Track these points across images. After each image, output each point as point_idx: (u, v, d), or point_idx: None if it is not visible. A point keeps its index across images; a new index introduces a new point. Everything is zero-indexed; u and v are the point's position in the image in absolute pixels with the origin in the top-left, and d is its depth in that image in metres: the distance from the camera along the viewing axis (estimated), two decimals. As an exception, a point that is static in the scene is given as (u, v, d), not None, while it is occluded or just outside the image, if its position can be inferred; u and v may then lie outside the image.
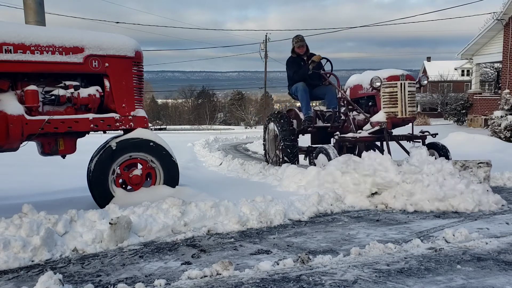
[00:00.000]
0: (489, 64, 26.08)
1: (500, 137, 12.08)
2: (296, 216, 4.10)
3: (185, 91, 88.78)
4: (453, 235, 3.27)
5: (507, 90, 14.92)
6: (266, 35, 45.10)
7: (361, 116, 6.41)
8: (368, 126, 6.08)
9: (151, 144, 4.46)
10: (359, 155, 7.12)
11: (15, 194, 5.06)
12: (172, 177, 4.57)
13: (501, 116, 13.13)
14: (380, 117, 5.84)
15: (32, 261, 2.92)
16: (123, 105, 4.52)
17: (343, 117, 6.70)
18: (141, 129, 4.55)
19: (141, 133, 4.49)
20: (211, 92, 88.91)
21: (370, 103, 6.29)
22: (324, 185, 4.89)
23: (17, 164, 7.20)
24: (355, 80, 6.61)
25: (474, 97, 19.43)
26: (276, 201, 4.16)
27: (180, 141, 17.71)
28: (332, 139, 7.26)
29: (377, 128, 5.82)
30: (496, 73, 27.21)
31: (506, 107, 13.76)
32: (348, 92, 6.66)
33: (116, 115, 4.47)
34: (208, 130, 51.41)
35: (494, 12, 21.51)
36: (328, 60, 7.25)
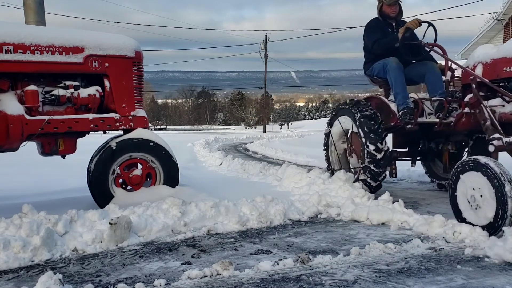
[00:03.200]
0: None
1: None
2: (296, 216, 4.10)
3: (185, 91, 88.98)
4: (453, 235, 3.27)
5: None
6: (266, 35, 45.26)
7: (510, 108, 4.21)
8: None
9: (151, 144, 4.46)
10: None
11: (15, 194, 5.05)
12: (172, 177, 4.57)
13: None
14: None
15: (32, 261, 2.92)
16: (123, 105, 4.52)
17: (466, 109, 4.43)
18: (141, 129, 4.55)
19: (141, 133, 4.49)
20: (211, 92, 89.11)
21: None
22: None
23: (17, 164, 7.20)
24: (493, 52, 4.32)
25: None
26: (276, 201, 4.16)
27: (180, 141, 17.73)
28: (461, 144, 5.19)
29: None
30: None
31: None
32: (479, 71, 4.33)
33: (116, 115, 4.47)
34: (208, 130, 51.51)
35: (494, 12, 21.54)
36: (431, 24, 4.90)
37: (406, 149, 5.44)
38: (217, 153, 11.94)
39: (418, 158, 5.48)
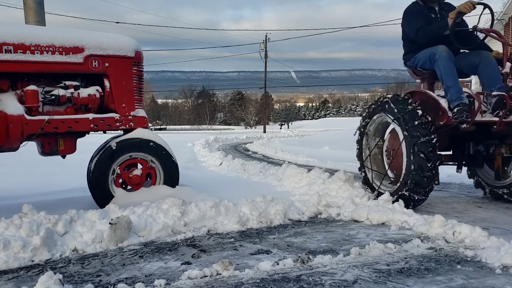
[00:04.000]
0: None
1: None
2: (296, 216, 4.10)
3: (185, 91, 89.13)
4: (453, 235, 3.28)
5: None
6: (266, 35, 45.28)
7: None
8: None
9: (151, 144, 4.46)
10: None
11: (15, 194, 5.05)
12: (172, 177, 4.57)
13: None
14: None
15: (32, 261, 2.92)
16: (123, 105, 4.52)
17: None
18: (141, 129, 4.55)
19: (141, 133, 4.49)
20: (211, 92, 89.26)
21: None
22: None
23: (17, 164, 7.20)
24: None
25: (475, 97, 19.34)
26: (276, 201, 4.16)
27: (180, 141, 17.75)
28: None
29: None
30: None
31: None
32: None
33: (116, 115, 4.47)
34: (208, 130, 51.55)
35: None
36: (486, 6, 4.22)
37: (450, 153, 4.70)
38: (217, 153, 11.94)
39: (464, 162, 4.74)
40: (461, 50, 4.42)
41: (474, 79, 5.17)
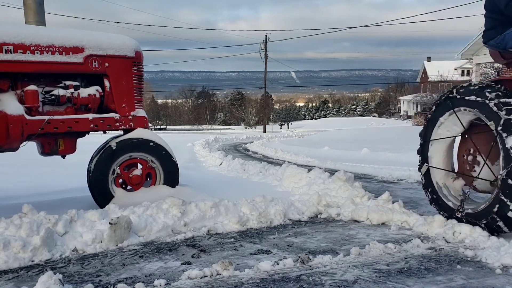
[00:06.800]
0: (489, 64, 26.10)
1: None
2: (296, 216, 4.10)
3: (185, 91, 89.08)
4: (453, 235, 3.28)
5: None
6: (266, 35, 45.19)
7: None
8: None
9: (151, 144, 4.46)
10: None
11: (15, 194, 5.05)
12: (172, 177, 4.57)
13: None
14: None
15: (32, 261, 2.92)
16: (123, 105, 4.53)
17: None
18: (141, 129, 4.55)
19: (141, 133, 4.49)
20: (211, 92, 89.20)
21: None
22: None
23: (17, 164, 7.20)
24: None
25: (474, 97, 19.32)
26: (276, 201, 4.16)
27: (180, 141, 17.76)
28: None
29: None
30: (496, 73, 27.20)
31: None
32: None
33: (116, 115, 4.47)
34: (208, 130, 51.55)
35: (494, 12, 21.43)
36: None
37: None
38: (217, 153, 11.95)
39: None
40: None
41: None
